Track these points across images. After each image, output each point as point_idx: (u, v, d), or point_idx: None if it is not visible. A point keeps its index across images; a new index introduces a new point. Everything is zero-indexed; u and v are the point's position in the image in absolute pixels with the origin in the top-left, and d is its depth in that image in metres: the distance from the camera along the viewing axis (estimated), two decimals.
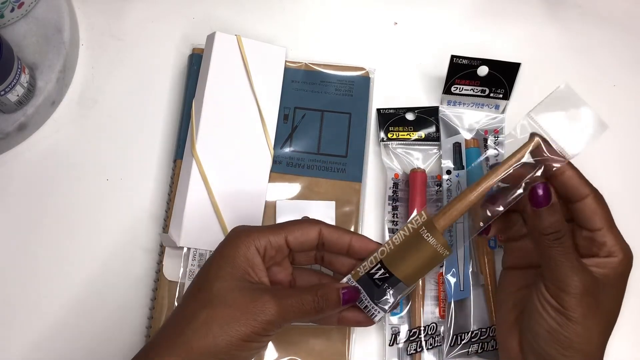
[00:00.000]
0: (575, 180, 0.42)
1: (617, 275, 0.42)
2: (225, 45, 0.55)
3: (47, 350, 0.50)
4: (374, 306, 0.44)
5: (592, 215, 0.42)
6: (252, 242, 0.41)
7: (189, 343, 0.38)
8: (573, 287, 0.40)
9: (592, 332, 0.40)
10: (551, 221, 0.40)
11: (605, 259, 0.42)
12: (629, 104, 0.59)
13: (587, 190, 0.42)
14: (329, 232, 0.44)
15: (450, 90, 0.55)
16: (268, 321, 0.39)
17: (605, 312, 0.41)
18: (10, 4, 0.55)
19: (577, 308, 0.40)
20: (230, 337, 0.38)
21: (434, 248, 0.43)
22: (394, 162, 0.55)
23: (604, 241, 0.42)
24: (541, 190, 0.40)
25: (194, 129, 0.53)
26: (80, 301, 0.52)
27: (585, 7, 0.62)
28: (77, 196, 0.55)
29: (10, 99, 0.52)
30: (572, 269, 0.40)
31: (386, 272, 0.43)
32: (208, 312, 0.39)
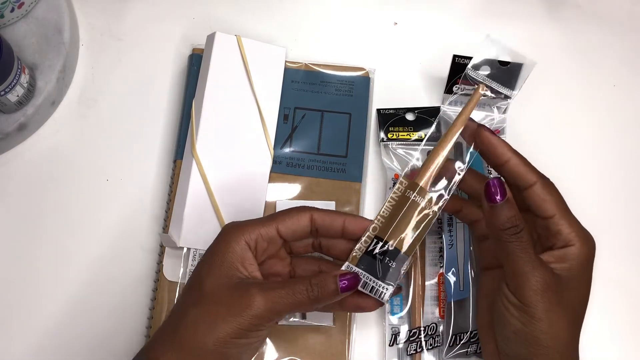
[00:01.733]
0: (520, 167, 0.42)
1: (579, 267, 0.41)
2: (225, 45, 0.55)
3: (46, 350, 0.50)
4: (380, 284, 0.43)
5: (542, 203, 0.41)
6: (242, 237, 0.41)
7: (181, 342, 0.38)
8: (533, 282, 0.39)
9: (558, 327, 0.39)
10: (508, 216, 0.40)
11: (563, 250, 0.41)
12: (629, 104, 0.59)
13: (534, 177, 0.42)
14: (320, 217, 0.43)
15: (451, 90, 0.55)
16: (255, 315, 0.38)
17: (571, 306, 0.41)
18: (10, 4, 0.55)
19: (539, 303, 0.39)
20: (217, 336, 0.38)
21: (423, 207, 0.43)
22: (394, 162, 0.55)
23: (558, 229, 0.41)
24: (495, 186, 0.40)
25: (194, 129, 0.53)
26: (80, 301, 0.52)
27: (585, 7, 0.62)
28: (77, 196, 0.55)
29: (10, 99, 0.52)
30: (532, 264, 0.39)
31: (384, 244, 0.43)
32: (197, 311, 0.39)
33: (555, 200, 0.42)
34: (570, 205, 0.43)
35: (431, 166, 0.44)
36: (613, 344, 0.52)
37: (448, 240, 0.51)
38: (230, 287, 0.39)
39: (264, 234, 0.41)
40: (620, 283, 0.53)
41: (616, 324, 0.52)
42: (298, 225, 0.42)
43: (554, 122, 0.58)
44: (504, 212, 0.40)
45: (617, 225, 0.55)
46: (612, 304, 0.52)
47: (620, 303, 0.53)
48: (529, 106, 0.58)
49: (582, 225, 0.42)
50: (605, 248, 0.45)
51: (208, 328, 0.38)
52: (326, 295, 0.40)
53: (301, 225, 0.42)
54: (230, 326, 0.38)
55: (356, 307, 0.44)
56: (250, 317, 0.38)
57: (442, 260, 0.51)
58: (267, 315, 0.39)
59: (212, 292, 0.40)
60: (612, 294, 0.52)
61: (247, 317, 0.38)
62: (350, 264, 0.43)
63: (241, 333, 0.38)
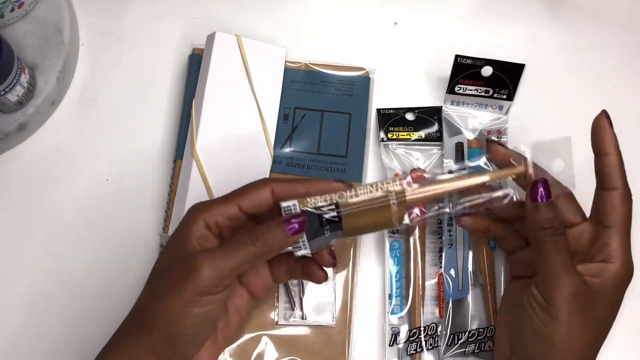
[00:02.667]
0: (614, 168, 0.42)
1: (613, 287, 0.41)
2: (225, 45, 0.55)
3: (47, 350, 0.50)
4: (304, 242, 0.41)
5: (611, 210, 0.41)
6: (200, 216, 0.40)
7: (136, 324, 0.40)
8: (562, 286, 0.39)
9: (578, 335, 0.40)
10: (549, 216, 0.40)
11: (601, 265, 0.41)
12: (629, 104, 0.59)
13: (619, 183, 0.41)
14: (281, 188, 0.41)
15: (454, 90, 0.55)
16: (203, 279, 0.37)
17: (595, 319, 0.41)
18: (10, 4, 0.55)
19: (564, 307, 0.39)
20: (167, 308, 0.38)
21: (391, 217, 0.42)
22: (394, 162, 0.55)
23: (607, 242, 0.41)
24: (541, 187, 0.41)
25: (194, 129, 0.53)
26: (80, 301, 0.52)
27: (585, 7, 0.62)
28: (77, 196, 0.55)
29: (10, 99, 0.52)
30: (565, 268, 0.40)
31: (337, 216, 0.41)
32: (147, 291, 0.40)
33: (624, 215, 0.41)
34: None
35: (428, 195, 0.42)
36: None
37: (447, 240, 0.51)
38: (178, 260, 0.39)
39: (224, 212, 0.41)
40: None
41: None
42: (260, 200, 0.41)
43: (554, 122, 0.58)
44: (546, 213, 0.40)
45: None
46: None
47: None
48: (528, 106, 0.58)
49: (631, 251, 0.42)
50: None
51: (158, 303, 0.38)
52: (275, 242, 0.39)
53: (263, 199, 0.41)
54: (179, 296, 0.38)
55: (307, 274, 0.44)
56: (197, 282, 0.37)
57: (442, 260, 0.51)
58: (215, 277, 0.38)
59: (162, 269, 0.40)
60: None
61: (194, 283, 0.37)
62: (297, 204, 0.41)
63: (191, 301, 0.38)
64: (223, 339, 0.44)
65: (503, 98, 0.55)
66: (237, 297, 0.44)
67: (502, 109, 0.56)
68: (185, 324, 0.38)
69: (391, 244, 0.52)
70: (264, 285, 0.45)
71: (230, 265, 0.38)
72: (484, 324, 0.49)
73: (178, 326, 0.38)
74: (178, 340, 0.39)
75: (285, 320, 0.50)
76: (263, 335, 0.50)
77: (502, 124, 0.56)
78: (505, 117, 0.56)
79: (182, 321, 0.38)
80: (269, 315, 0.50)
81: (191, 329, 0.39)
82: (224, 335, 0.43)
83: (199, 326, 0.39)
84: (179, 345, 0.39)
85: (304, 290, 0.51)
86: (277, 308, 0.51)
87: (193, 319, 0.38)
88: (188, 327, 0.38)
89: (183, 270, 0.38)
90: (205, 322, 0.40)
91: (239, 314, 0.45)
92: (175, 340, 0.39)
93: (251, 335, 0.50)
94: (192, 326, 0.39)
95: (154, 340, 0.38)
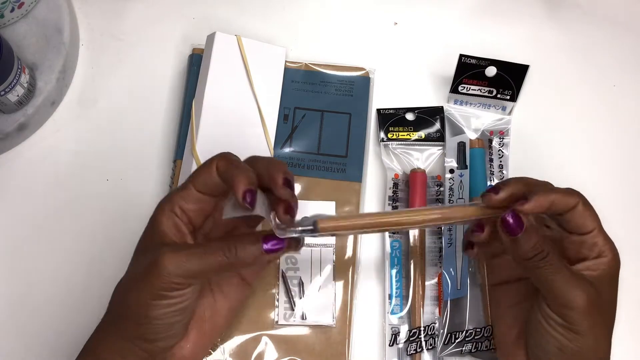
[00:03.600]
0: (562, 201, 0.41)
1: (609, 276, 0.41)
2: (225, 45, 0.55)
3: (46, 350, 0.50)
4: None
5: (584, 221, 0.41)
6: (165, 207, 0.40)
7: (111, 321, 0.40)
8: (576, 302, 0.39)
9: (601, 340, 0.40)
10: (530, 245, 0.39)
11: (595, 261, 0.41)
12: (629, 104, 0.59)
13: (575, 199, 0.41)
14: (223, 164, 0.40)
15: (457, 89, 0.55)
16: (165, 274, 0.37)
17: (606, 315, 0.41)
18: (10, 4, 0.55)
19: (584, 321, 0.39)
20: (134, 302, 0.38)
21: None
22: (394, 162, 0.55)
23: (595, 242, 0.41)
24: (512, 219, 0.40)
25: (194, 129, 0.53)
26: (81, 301, 0.52)
27: (585, 7, 0.62)
28: (77, 196, 0.55)
29: (10, 99, 0.52)
30: (569, 284, 0.39)
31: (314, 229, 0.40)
32: (123, 281, 0.40)
33: (593, 215, 0.42)
34: None
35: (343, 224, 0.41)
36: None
37: (447, 239, 0.51)
38: (146, 254, 0.39)
39: (184, 197, 0.40)
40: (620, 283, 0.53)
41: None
42: (209, 178, 0.40)
43: (554, 122, 0.58)
44: (527, 243, 0.39)
45: (617, 224, 0.55)
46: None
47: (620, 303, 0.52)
48: (528, 106, 0.58)
49: (610, 238, 0.42)
50: None
51: (127, 295, 0.39)
52: (247, 258, 0.38)
53: (211, 176, 0.40)
54: (144, 290, 0.38)
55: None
56: (160, 278, 0.37)
57: (442, 260, 0.51)
58: (178, 278, 0.37)
59: (132, 261, 0.41)
60: None
61: (157, 279, 0.37)
62: (286, 227, 0.39)
63: (157, 295, 0.38)
64: (211, 328, 0.43)
65: (506, 99, 0.55)
66: (225, 282, 0.43)
67: (505, 110, 0.56)
68: (155, 314, 0.38)
69: (391, 244, 0.52)
70: (254, 268, 0.44)
71: (194, 269, 0.38)
72: (481, 324, 0.49)
73: (148, 317, 0.38)
74: (151, 331, 0.39)
75: (285, 320, 0.50)
76: (263, 335, 0.50)
77: (505, 125, 0.56)
78: (508, 117, 0.56)
79: (150, 312, 0.38)
80: (269, 315, 0.50)
81: (163, 320, 0.38)
82: (211, 324, 0.43)
83: (170, 317, 0.39)
84: (153, 336, 0.39)
85: (304, 290, 0.51)
86: (277, 308, 0.51)
87: (162, 310, 0.38)
88: (159, 318, 0.38)
89: (148, 264, 0.38)
90: (177, 313, 0.39)
91: (230, 300, 0.44)
92: (148, 331, 0.39)
93: (251, 335, 0.50)
94: (162, 317, 0.38)
95: (129, 331, 0.39)
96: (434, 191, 0.54)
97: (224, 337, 0.49)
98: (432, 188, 0.54)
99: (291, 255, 0.52)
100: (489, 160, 0.55)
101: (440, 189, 0.54)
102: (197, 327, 0.42)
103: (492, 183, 0.54)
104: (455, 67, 0.54)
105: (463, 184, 0.53)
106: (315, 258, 0.52)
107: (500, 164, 0.54)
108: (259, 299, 0.51)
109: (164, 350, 0.40)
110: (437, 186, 0.54)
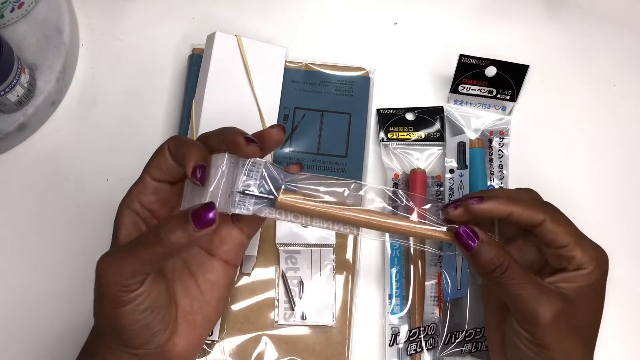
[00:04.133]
0: (524, 214, 0.40)
1: (590, 286, 0.40)
2: (225, 45, 0.55)
3: (46, 350, 0.50)
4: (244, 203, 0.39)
5: (555, 236, 0.40)
6: (124, 206, 0.39)
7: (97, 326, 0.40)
8: (540, 318, 0.38)
9: (571, 352, 0.40)
10: (489, 258, 0.39)
11: (574, 272, 0.40)
12: (629, 104, 0.59)
13: (541, 215, 0.40)
14: (174, 145, 0.39)
15: (457, 89, 0.55)
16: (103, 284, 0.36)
17: (582, 327, 0.40)
18: (10, 4, 0.55)
19: (549, 336, 0.39)
20: (100, 314, 0.38)
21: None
22: (394, 162, 0.55)
23: (572, 255, 0.40)
24: (466, 233, 0.39)
25: (194, 129, 0.53)
26: (80, 301, 0.52)
27: (585, 7, 0.62)
28: (77, 196, 0.55)
29: (10, 99, 0.52)
30: (534, 299, 0.39)
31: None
32: (94, 302, 0.39)
33: (566, 230, 0.41)
34: (569, 205, 0.43)
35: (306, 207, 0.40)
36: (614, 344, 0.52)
37: None
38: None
39: (141, 189, 0.39)
40: (619, 283, 0.53)
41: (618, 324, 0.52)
42: (163, 162, 0.39)
43: (554, 122, 0.58)
44: (484, 256, 0.39)
45: (617, 224, 0.55)
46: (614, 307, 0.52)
47: (619, 304, 0.52)
48: (528, 106, 0.58)
49: (595, 245, 0.41)
50: (604, 248, 0.44)
51: (96, 313, 0.38)
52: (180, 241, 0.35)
53: (165, 160, 0.39)
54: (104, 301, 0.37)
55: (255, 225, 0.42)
56: (106, 286, 0.36)
57: (442, 260, 0.51)
58: (120, 278, 0.35)
59: None
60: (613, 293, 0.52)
61: (105, 288, 0.36)
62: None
63: (115, 302, 0.36)
64: (203, 320, 0.41)
65: (506, 99, 0.55)
66: (208, 271, 0.42)
67: (505, 110, 0.56)
68: (124, 322, 0.37)
69: (391, 243, 0.52)
70: (235, 246, 0.42)
71: (133, 268, 0.36)
72: (481, 324, 0.49)
73: (119, 325, 0.37)
74: (131, 337, 0.38)
75: (285, 320, 0.50)
76: (263, 335, 0.50)
77: (505, 125, 0.56)
78: (508, 117, 0.56)
79: (119, 321, 0.37)
80: (269, 315, 0.50)
81: (135, 325, 0.37)
82: (202, 316, 0.41)
83: (141, 319, 0.37)
84: (136, 341, 0.38)
85: (304, 290, 0.51)
86: (277, 308, 0.51)
87: (128, 316, 0.36)
88: (130, 324, 0.37)
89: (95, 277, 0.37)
90: (146, 313, 0.37)
91: (217, 288, 0.42)
92: (129, 338, 0.38)
93: (251, 335, 0.50)
94: (133, 322, 0.37)
95: (114, 342, 0.38)
96: (434, 191, 0.54)
97: (223, 336, 0.50)
98: (432, 188, 0.54)
99: (291, 255, 0.52)
100: (489, 160, 0.55)
101: (440, 189, 0.54)
102: (186, 322, 0.40)
103: (492, 183, 0.54)
104: (455, 67, 0.54)
105: (463, 184, 0.53)
106: (315, 258, 0.52)
107: (500, 164, 0.54)
108: (259, 299, 0.51)
109: (155, 350, 0.39)
110: (437, 186, 0.54)
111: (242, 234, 0.42)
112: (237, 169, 0.39)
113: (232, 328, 0.50)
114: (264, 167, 0.39)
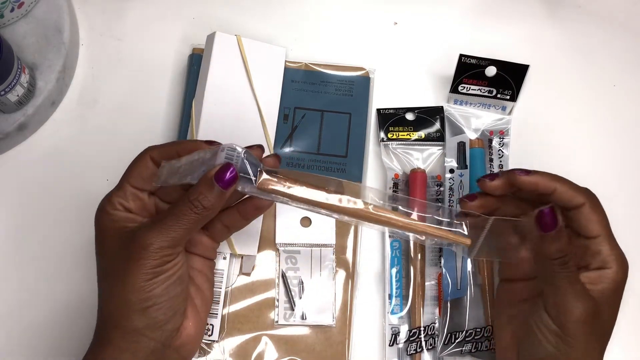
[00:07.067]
0: (568, 193, 0.41)
1: (612, 290, 0.41)
2: (225, 45, 0.55)
3: (46, 350, 0.50)
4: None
5: (588, 223, 0.41)
6: (106, 210, 0.40)
7: (110, 318, 0.39)
8: (576, 314, 0.39)
9: (591, 352, 0.40)
10: (558, 246, 0.39)
11: (599, 272, 0.41)
12: (629, 104, 0.59)
13: (582, 198, 0.41)
14: (158, 153, 0.41)
15: (457, 89, 0.55)
16: (154, 251, 0.38)
17: (602, 331, 0.41)
18: (10, 4, 0.55)
19: (579, 334, 0.39)
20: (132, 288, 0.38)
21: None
22: (394, 162, 0.55)
23: (599, 249, 0.41)
24: (549, 215, 0.39)
25: (194, 129, 0.53)
26: (80, 301, 0.52)
27: (585, 7, 0.62)
28: (77, 196, 0.55)
29: (10, 99, 0.52)
30: (576, 295, 0.39)
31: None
32: (104, 283, 0.40)
33: (601, 221, 0.41)
34: None
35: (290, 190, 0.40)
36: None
37: None
38: (120, 242, 0.39)
39: (122, 196, 0.41)
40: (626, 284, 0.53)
41: None
42: (145, 170, 0.41)
43: (554, 122, 0.58)
44: (556, 244, 0.39)
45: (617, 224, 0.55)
46: None
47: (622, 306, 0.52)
48: (528, 106, 0.58)
49: (620, 248, 0.42)
50: None
51: (121, 287, 0.38)
52: (212, 202, 0.39)
53: (147, 169, 0.41)
54: (138, 273, 0.38)
55: (255, 209, 0.44)
56: (148, 256, 0.38)
57: (442, 260, 0.51)
58: (165, 246, 0.38)
59: (107, 256, 0.40)
60: None
61: (146, 259, 0.38)
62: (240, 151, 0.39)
63: (152, 273, 0.38)
64: (202, 303, 0.44)
65: (506, 99, 0.55)
66: (191, 261, 0.44)
67: (505, 110, 0.56)
68: (156, 293, 0.38)
69: (391, 244, 0.52)
70: (206, 249, 0.45)
71: (175, 235, 0.38)
72: (481, 324, 0.49)
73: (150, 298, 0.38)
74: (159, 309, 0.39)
75: (285, 320, 0.50)
76: (263, 335, 0.50)
77: (505, 125, 0.56)
78: (508, 117, 0.56)
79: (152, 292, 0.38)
80: (269, 315, 0.51)
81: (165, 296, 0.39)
82: (200, 298, 0.43)
83: (172, 290, 0.39)
84: (162, 316, 0.39)
85: (304, 290, 0.51)
86: (277, 308, 0.51)
87: (162, 285, 0.38)
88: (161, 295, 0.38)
89: (130, 247, 0.38)
90: (177, 284, 0.40)
91: (204, 274, 0.45)
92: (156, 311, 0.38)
93: (251, 335, 0.50)
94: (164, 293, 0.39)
95: (135, 324, 0.38)
96: (434, 191, 0.54)
97: (223, 336, 0.50)
98: (432, 188, 0.54)
99: (291, 255, 0.52)
100: (489, 160, 0.55)
101: (440, 188, 0.54)
102: (191, 306, 0.42)
103: None
104: (455, 67, 0.54)
105: (463, 183, 0.53)
106: (315, 258, 0.52)
107: (500, 164, 0.54)
108: (259, 299, 0.51)
109: (172, 333, 0.40)
110: (437, 186, 0.54)
111: (212, 242, 0.45)
112: (219, 154, 0.40)
113: (232, 328, 0.50)
114: (244, 152, 0.40)
